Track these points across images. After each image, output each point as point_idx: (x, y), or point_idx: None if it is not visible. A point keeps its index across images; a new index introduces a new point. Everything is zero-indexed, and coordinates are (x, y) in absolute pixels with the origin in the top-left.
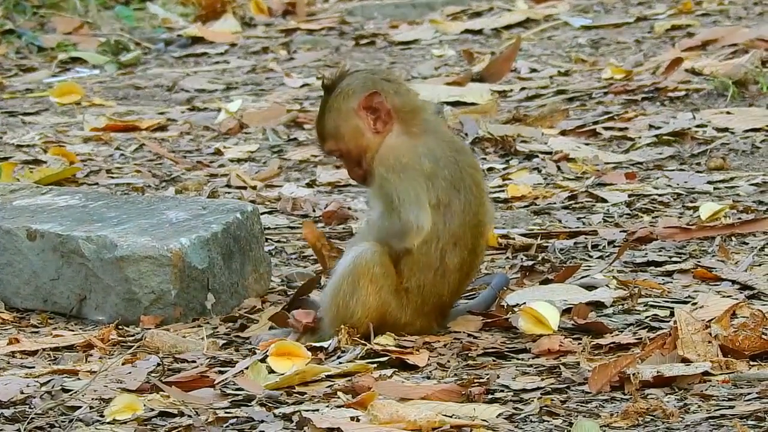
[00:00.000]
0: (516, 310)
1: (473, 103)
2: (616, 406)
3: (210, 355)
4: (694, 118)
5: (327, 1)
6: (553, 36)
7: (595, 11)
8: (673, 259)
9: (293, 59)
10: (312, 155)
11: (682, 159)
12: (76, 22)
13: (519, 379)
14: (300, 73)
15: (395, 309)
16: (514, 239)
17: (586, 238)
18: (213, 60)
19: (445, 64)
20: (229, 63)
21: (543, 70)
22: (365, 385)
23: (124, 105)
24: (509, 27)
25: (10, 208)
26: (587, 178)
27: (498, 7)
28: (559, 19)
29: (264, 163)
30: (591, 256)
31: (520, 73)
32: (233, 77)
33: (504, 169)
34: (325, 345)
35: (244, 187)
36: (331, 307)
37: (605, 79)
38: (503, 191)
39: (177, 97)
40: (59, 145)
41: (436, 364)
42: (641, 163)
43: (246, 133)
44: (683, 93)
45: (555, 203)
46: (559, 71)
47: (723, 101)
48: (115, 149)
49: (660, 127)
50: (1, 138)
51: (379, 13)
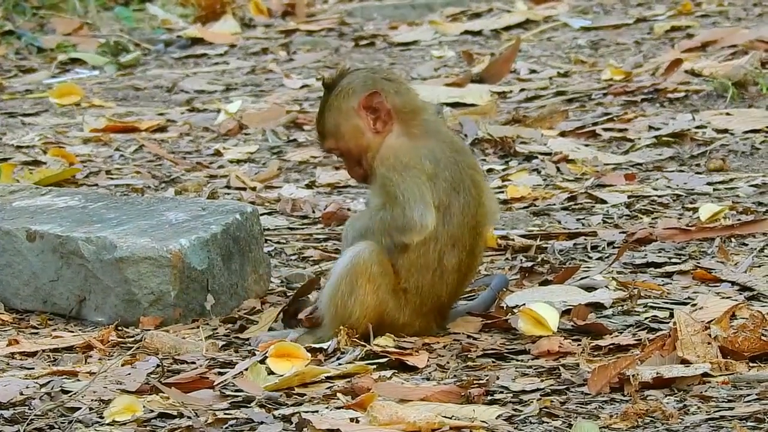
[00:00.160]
0: (515, 311)
1: (473, 104)
2: (615, 407)
3: (209, 356)
4: (694, 120)
5: (326, 2)
6: (553, 37)
7: (595, 12)
8: (673, 260)
9: (293, 60)
10: (312, 156)
11: (681, 160)
12: (75, 23)
13: (518, 380)
14: (299, 74)
15: (393, 309)
16: (514, 240)
17: (586, 239)
18: (212, 61)
19: (445, 65)
20: (228, 64)
21: (542, 72)
22: (365, 387)
23: (123, 106)
24: (509, 28)
25: (9, 209)
26: (587, 179)
27: (497, 9)
28: (559, 20)
29: (263, 164)
30: (590, 258)
31: (519, 74)
32: (233, 78)
33: (503, 170)
34: (324, 346)
35: (244, 188)
36: (330, 307)
37: (605, 80)
38: (503, 192)
39: (176, 98)
40: (59, 146)
41: (435, 365)
42: (641, 164)
43: (245, 134)
44: (683, 94)
45: (554, 204)
46: (558, 72)
47: (722, 102)
48: (114, 150)
49: (659, 129)
50: (1, 139)
51: (379, 14)
